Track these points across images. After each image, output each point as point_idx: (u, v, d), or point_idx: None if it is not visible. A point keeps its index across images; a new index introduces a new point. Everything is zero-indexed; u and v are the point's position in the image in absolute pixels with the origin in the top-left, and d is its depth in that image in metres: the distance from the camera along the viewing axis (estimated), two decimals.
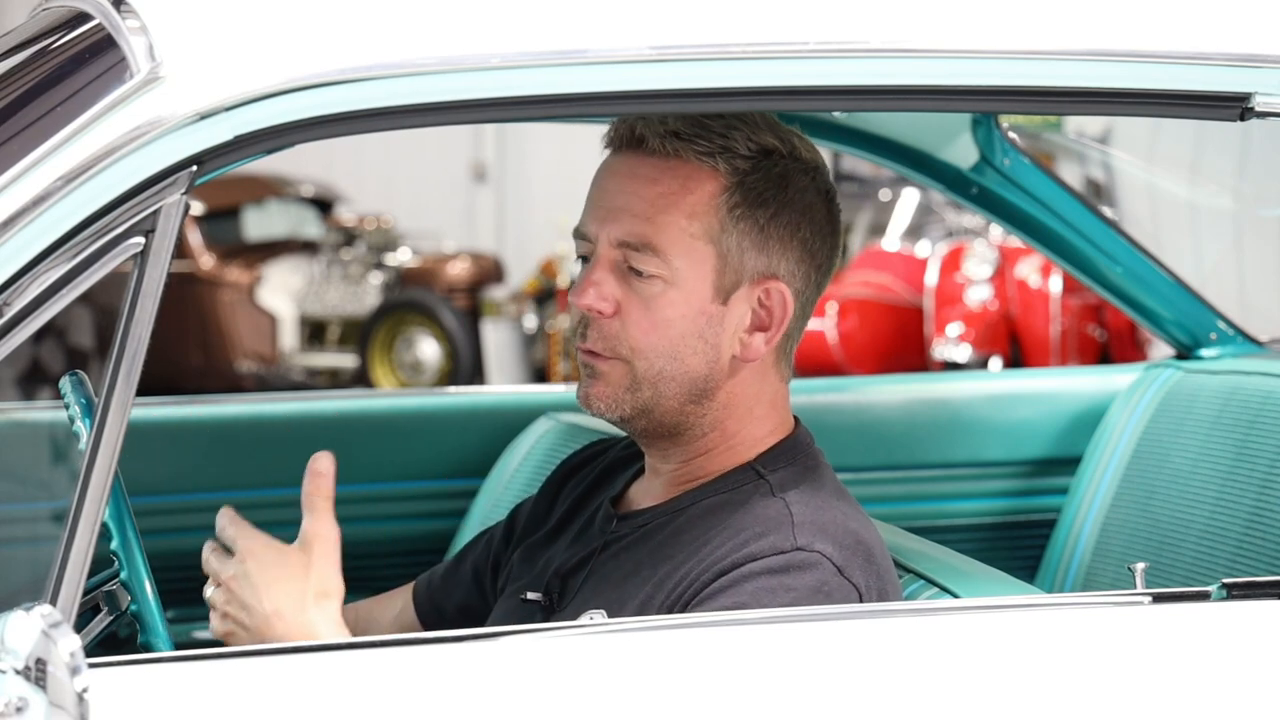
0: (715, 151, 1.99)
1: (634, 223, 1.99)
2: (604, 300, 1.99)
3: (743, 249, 2.00)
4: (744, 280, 2.01)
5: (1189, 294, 3.00)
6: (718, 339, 2.01)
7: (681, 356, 2.00)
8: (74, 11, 1.94)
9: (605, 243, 2.00)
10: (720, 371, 2.02)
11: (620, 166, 2.02)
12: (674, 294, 1.99)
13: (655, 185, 1.99)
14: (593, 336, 2.01)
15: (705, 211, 1.99)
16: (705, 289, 2.00)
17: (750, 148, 2.00)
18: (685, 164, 1.99)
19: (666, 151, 1.99)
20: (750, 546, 1.93)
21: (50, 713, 1.54)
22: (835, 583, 1.91)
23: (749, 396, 2.04)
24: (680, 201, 1.99)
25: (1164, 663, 1.88)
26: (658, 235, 1.98)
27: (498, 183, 13.30)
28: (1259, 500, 2.63)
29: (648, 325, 1.99)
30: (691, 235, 1.99)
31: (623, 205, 2.00)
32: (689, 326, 2.00)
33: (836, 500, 2.01)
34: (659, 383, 2.00)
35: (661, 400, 2.01)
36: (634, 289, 1.99)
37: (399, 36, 1.81)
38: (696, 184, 1.99)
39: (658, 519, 2.04)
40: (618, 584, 2.01)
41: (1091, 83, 1.96)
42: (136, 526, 1.93)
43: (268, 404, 3.06)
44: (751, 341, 2.02)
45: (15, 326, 1.70)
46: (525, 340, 10.38)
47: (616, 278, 2.00)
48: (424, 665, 1.74)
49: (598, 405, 2.02)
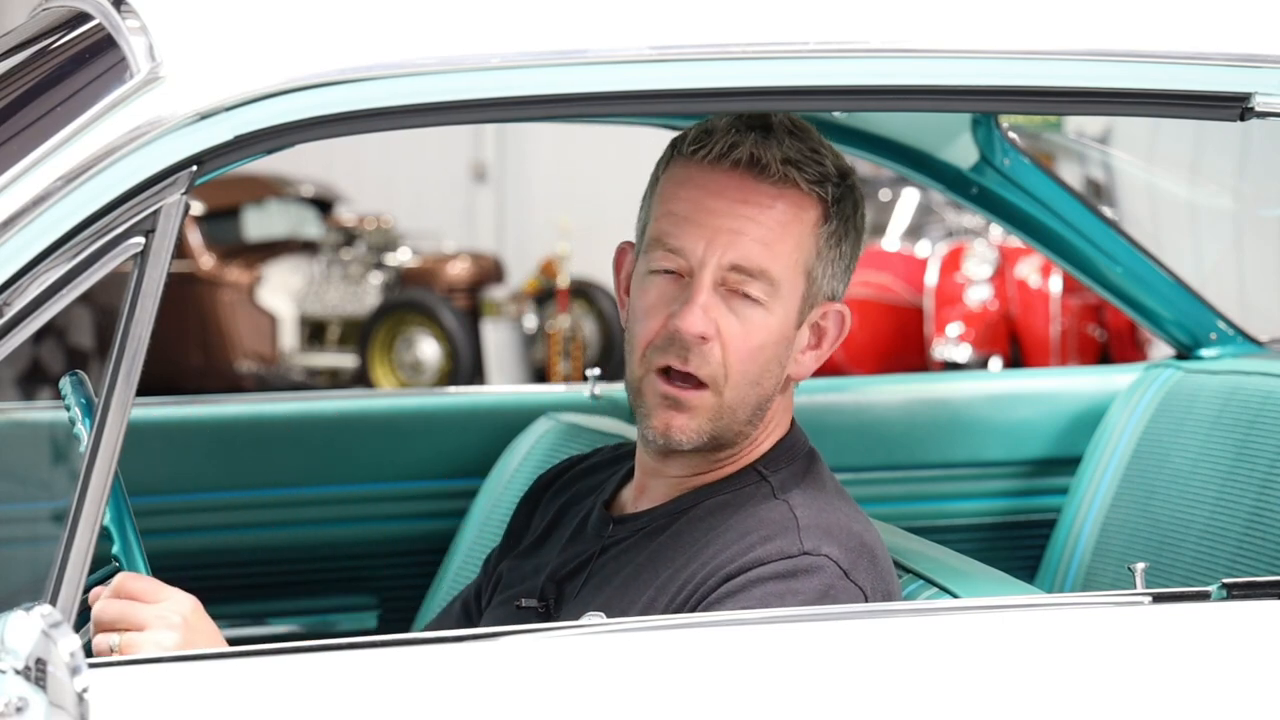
0: (820, 179, 1.98)
1: (752, 248, 1.96)
2: (711, 325, 1.96)
3: (826, 276, 2.01)
4: (818, 304, 2.02)
5: (1189, 294, 3.00)
6: (787, 360, 2.01)
7: (762, 382, 1.99)
8: (74, 11, 1.94)
9: (714, 265, 1.96)
10: (777, 390, 2.02)
11: (729, 187, 1.98)
12: (771, 321, 1.98)
13: (771, 212, 1.97)
14: (695, 360, 1.96)
15: (809, 241, 1.99)
16: (793, 315, 2.00)
17: (836, 170, 2.00)
18: (796, 190, 1.98)
19: (781, 176, 1.97)
20: (756, 551, 1.93)
21: (50, 713, 1.54)
22: (841, 586, 1.91)
23: (781, 409, 2.05)
24: (792, 230, 1.98)
25: (1164, 663, 1.88)
26: (774, 263, 1.96)
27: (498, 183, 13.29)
28: (1259, 500, 2.63)
29: (746, 351, 1.97)
30: (795, 264, 1.98)
31: (737, 229, 1.96)
32: (773, 353, 1.99)
33: (838, 501, 2.01)
34: (738, 409, 1.98)
35: (733, 425, 1.99)
36: (736, 312, 1.97)
37: (399, 36, 1.81)
38: (804, 212, 1.99)
39: (657, 520, 2.04)
40: (619, 586, 2.01)
41: (1091, 83, 1.96)
42: (137, 527, 1.93)
43: (268, 404, 3.06)
44: (804, 359, 2.03)
45: (15, 326, 1.70)
46: (525, 340, 10.38)
47: (717, 300, 1.97)
48: (424, 665, 1.74)
49: (681, 438, 1.98)
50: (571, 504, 2.17)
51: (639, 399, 2.00)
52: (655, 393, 1.98)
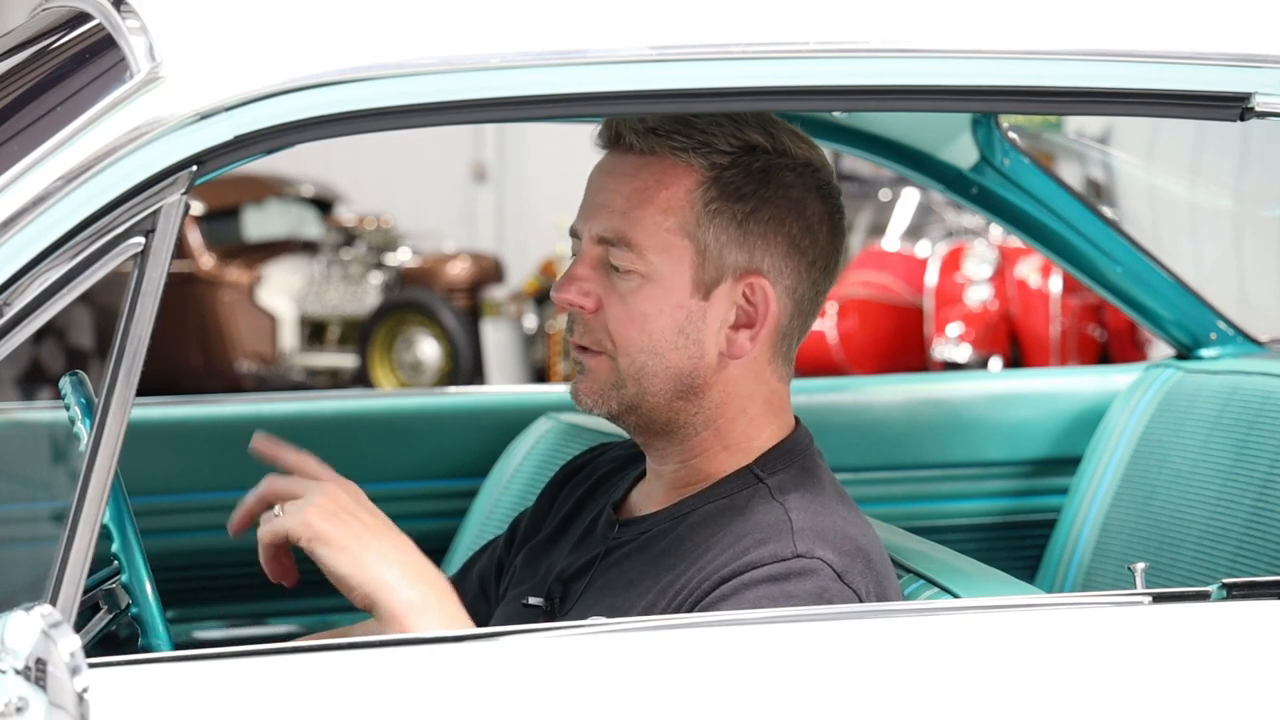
0: (692, 147, 1.99)
1: (611, 218, 2.00)
2: (585, 296, 2.01)
3: (721, 244, 2.00)
4: (725, 276, 2.00)
5: (1189, 294, 3.00)
6: (700, 335, 2.00)
7: (662, 352, 2.00)
8: (74, 11, 1.94)
9: (587, 239, 2.02)
10: (707, 368, 2.01)
11: (604, 165, 2.05)
12: (651, 289, 1.99)
13: (632, 181, 2.01)
14: (578, 330, 2.03)
15: (681, 207, 1.99)
16: (684, 284, 2.00)
17: (731, 144, 2.00)
18: (662, 160, 2.00)
19: (644, 148, 2.00)
20: (750, 554, 1.93)
21: (50, 713, 1.54)
22: (836, 589, 1.91)
23: (742, 395, 2.04)
24: (655, 197, 1.99)
25: (1164, 663, 1.88)
26: (633, 230, 1.99)
27: (498, 183, 13.29)
28: (1259, 500, 2.63)
29: (626, 320, 2.00)
30: (667, 230, 1.99)
31: (602, 202, 2.02)
32: (668, 321, 2.00)
33: (836, 504, 2.01)
34: (642, 378, 2.00)
35: (647, 396, 2.01)
36: (614, 284, 2.00)
37: (399, 36, 1.81)
38: (672, 179, 2.00)
39: (659, 525, 2.04)
40: (620, 591, 2.01)
41: (1091, 83, 1.96)
42: (137, 527, 1.93)
43: (268, 404, 3.06)
44: (736, 338, 2.02)
45: (15, 326, 1.70)
46: (525, 340, 10.38)
47: (598, 274, 2.01)
48: (424, 665, 1.74)
49: (585, 400, 2.04)
50: (587, 501, 2.19)
51: None
52: (574, 359, 2.06)
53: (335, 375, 10.70)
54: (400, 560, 1.88)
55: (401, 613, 1.85)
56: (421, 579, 1.87)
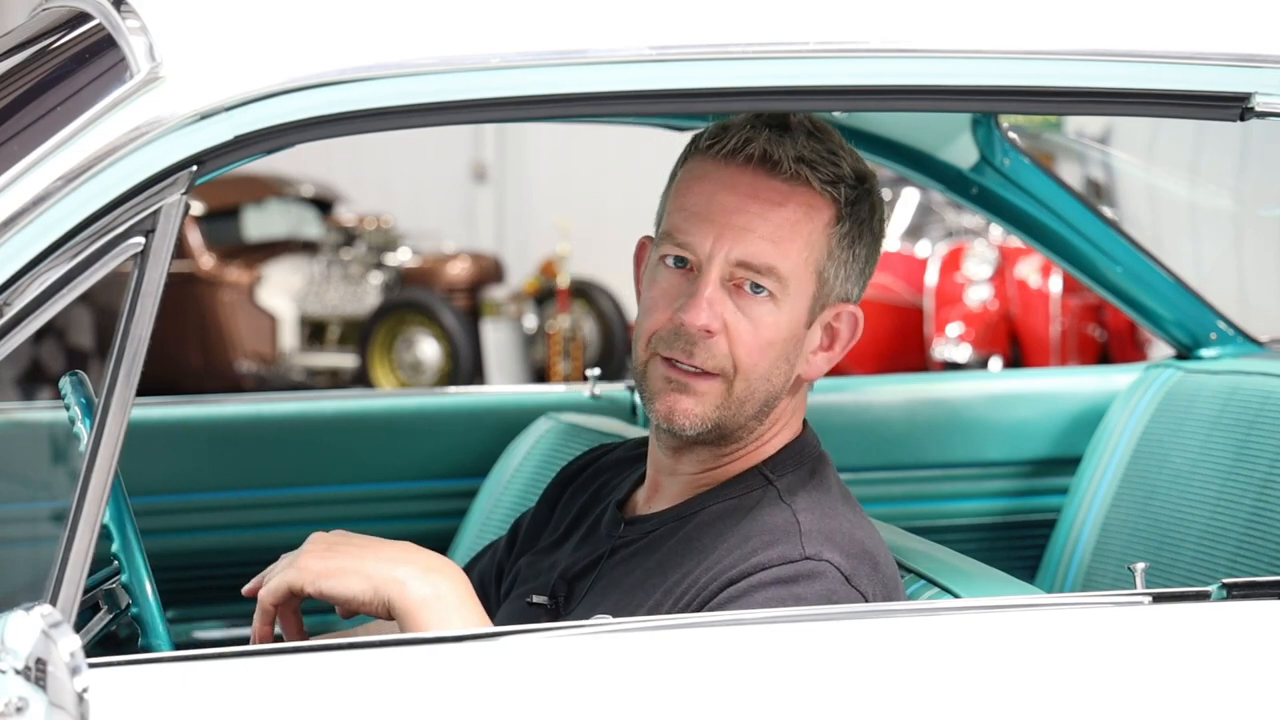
0: (834, 179, 1.99)
1: (760, 245, 1.97)
2: (716, 319, 1.97)
3: (838, 278, 2.02)
4: (829, 304, 2.03)
5: (1189, 294, 3.00)
6: (796, 359, 2.02)
7: (771, 376, 2.00)
8: (74, 11, 1.94)
9: (721, 260, 1.97)
10: (786, 388, 2.03)
11: (741, 183, 1.99)
12: (780, 318, 1.99)
13: (781, 210, 1.98)
14: (701, 354, 1.97)
15: (820, 240, 2.00)
16: (803, 314, 2.00)
17: (853, 173, 2.01)
18: (808, 189, 1.99)
19: (794, 174, 1.98)
20: (759, 556, 1.93)
21: (50, 713, 1.54)
22: (843, 591, 1.91)
23: (790, 409, 2.05)
24: (803, 228, 1.99)
25: (1164, 663, 1.88)
26: (782, 261, 1.97)
27: (498, 183, 13.29)
28: (1259, 500, 2.63)
29: (754, 346, 1.98)
30: (805, 262, 1.99)
31: (746, 225, 1.97)
32: (784, 350, 2.00)
33: (842, 507, 2.01)
34: (747, 402, 2.00)
35: (739, 416, 2.00)
36: (743, 309, 1.98)
37: (399, 36, 1.81)
38: (816, 212, 1.99)
39: (666, 524, 2.04)
40: (626, 590, 2.01)
41: (1091, 83, 1.96)
42: (137, 527, 1.93)
43: (268, 404, 3.06)
44: (816, 360, 2.04)
45: (15, 326, 1.70)
46: (525, 340, 10.37)
47: (723, 296, 1.98)
48: (424, 665, 1.74)
49: (685, 421, 1.99)
50: (590, 501, 2.19)
51: (644, 383, 2.02)
52: (659, 375, 2.00)
53: (335, 375, 10.69)
54: (406, 560, 1.88)
55: (416, 608, 1.85)
56: (431, 573, 1.87)
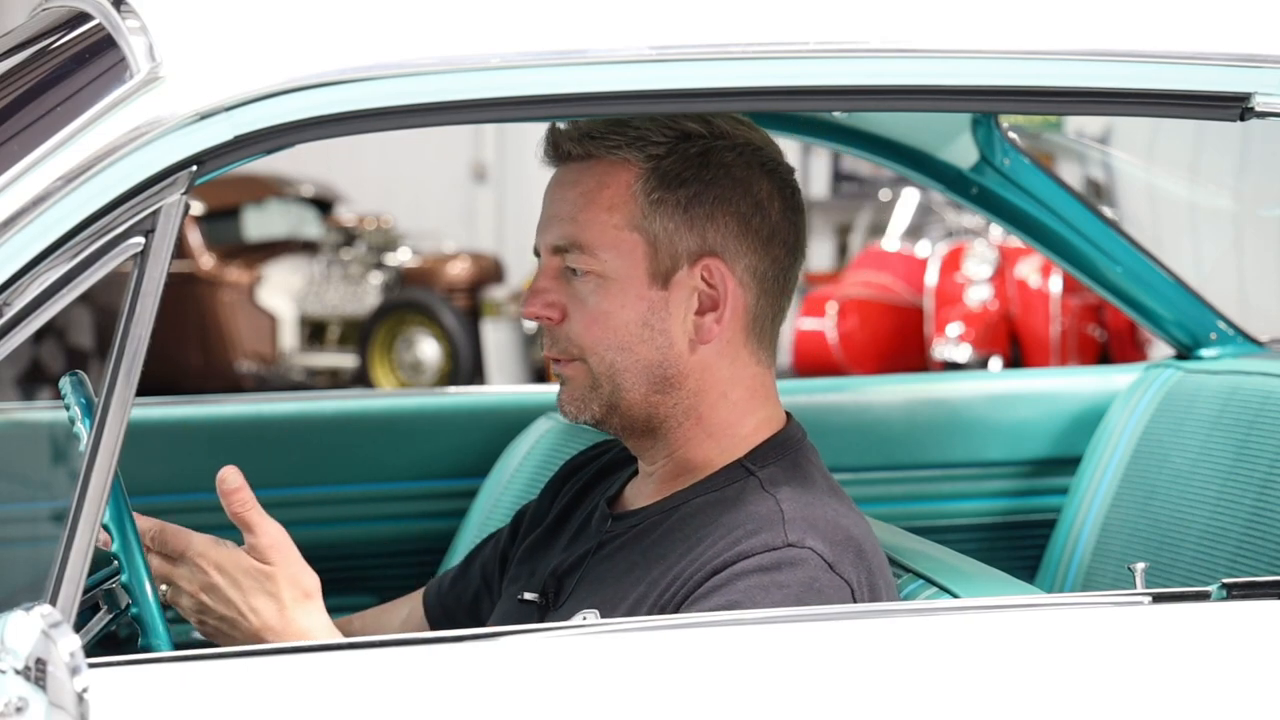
0: (626, 144, 2.02)
1: (562, 226, 2.03)
2: (550, 307, 2.04)
3: (669, 232, 2.02)
4: (681, 262, 2.02)
5: (1189, 294, 3.00)
6: (666, 324, 2.02)
7: (630, 346, 2.02)
8: (74, 11, 1.94)
9: (545, 251, 2.05)
10: (678, 357, 2.03)
11: (552, 179, 2.08)
12: (610, 286, 2.02)
13: (576, 187, 2.04)
14: (547, 342, 2.06)
15: (624, 202, 2.01)
16: (640, 276, 2.02)
17: (665, 134, 2.02)
18: (600, 161, 2.03)
19: (582, 154, 2.04)
20: (742, 545, 1.94)
21: (50, 713, 1.54)
22: (826, 579, 1.91)
23: (721, 380, 2.05)
24: (598, 197, 2.02)
25: (1164, 663, 1.88)
26: (582, 233, 2.02)
27: (498, 183, 13.29)
28: (1259, 500, 2.63)
29: (589, 321, 2.02)
30: (615, 227, 2.01)
31: (553, 214, 2.05)
32: (631, 315, 2.02)
33: (827, 496, 2.01)
34: (615, 376, 2.02)
35: (624, 393, 2.03)
36: (575, 290, 2.03)
37: (399, 36, 1.81)
38: (612, 178, 2.02)
39: (650, 518, 2.05)
40: (611, 583, 2.02)
41: (1091, 83, 1.96)
42: (137, 527, 1.93)
43: (268, 404, 3.06)
44: (703, 323, 2.03)
45: (15, 326, 1.70)
46: (525, 340, 10.38)
47: (559, 284, 2.04)
48: (423, 665, 1.74)
49: (568, 410, 2.06)
50: (583, 497, 2.21)
51: None
52: (554, 374, 2.09)
53: (335, 375, 10.69)
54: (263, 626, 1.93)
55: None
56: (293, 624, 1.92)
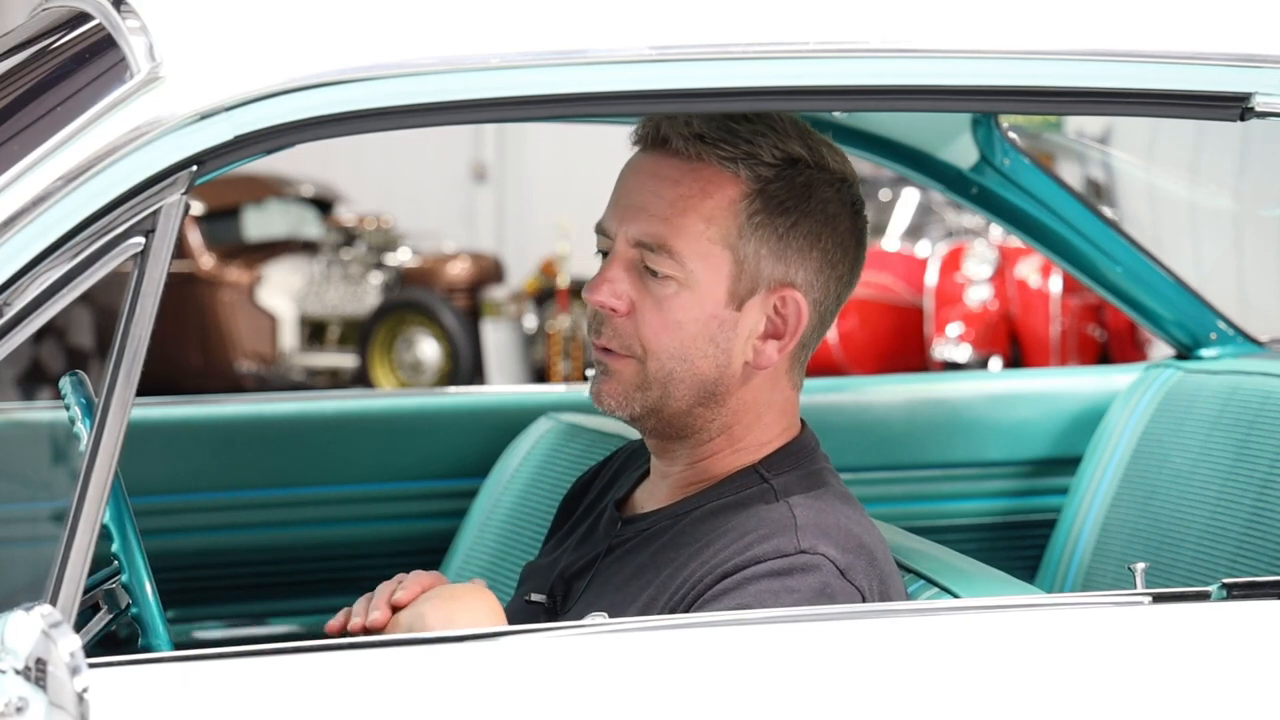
0: (739, 157, 1.98)
1: (651, 222, 1.98)
2: (618, 298, 1.99)
3: (760, 256, 1.99)
4: (760, 287, 2.00)
5: (1189, 294, 3.00)
6: (729, 344, 2.00)
7: (691, 359, 1.99)
8: (74, 11, 1.94)
9: (622, 240, 2.00)
10: (731, 376, 2.01)
11: (644, 165, 2.01)
12: (687, 296, 1.98)
13: (676, 186, 1.99)
14: (607, 333, 2.01)
15: (724, 216, 1.98)
16: (719, 293, 1.99)
17: (775, 155, 1.99)
18: (708, 167, 1.98)
19: (690, 154, 1.98)
20: (754, 549, 1.93)
21: (50, 713, 1.54)
22: (838, 585, 1.91)
23: (759, 402, 2.04)
24: (699, 205, 1.98)
25: (1164, 663, 1.88)
26: (674, 237, 1.97)
27: (498, 183, 13.29)
28: (1259, 500, 2.63)
29: (659, 325, 1.98)
30: (709, 239, 1.98)
31: (641, 204, 1.99)
32: (700, 329, 1.99)
33: (840, 503, 2.01)
34: (668, 383, 2.00)
35: (670, 401, 2.00)
36: (648, 288, 1.99)
37: (399, 36, 1.81)
38: (717, 188, 1.98)
39: (661, 522, 2.04)
40: (620, 586, 2.01)
41: (1091, 83, 1.96)
42: (137, 527, 1.93)
43: (268, 404, 3.06)
44: (764, 348, 2.02)
45: (15, 326, 1.70)
46: (525, 340, 10.38)
47: (632, 276, 1.99)
48: (424, 665, 1.74)
49: (608, 402, 2.02)
50: (595, 501, 2.20)
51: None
52: (595, 360, 2.04)
53: (335, 375, 10.69)
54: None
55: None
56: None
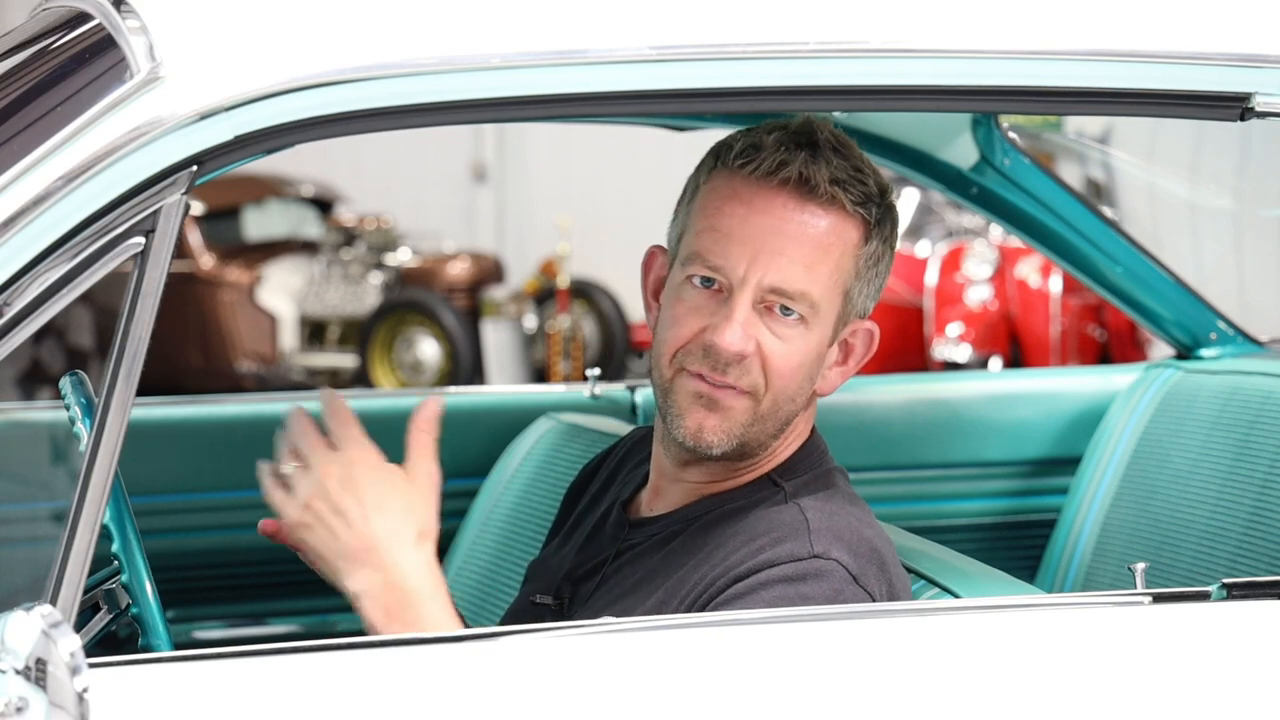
0: (864, 199, 1.97)
1: (794, 270, 1.95)
2: (750, 342, 1.95)
3: (860, 294, 2.01)
4: (849, 321, 2.02)
5: (1189, 294, 3.00)
6: (817, 376, 2.02)
7: (797, 396, 1.99)
8: (74, 11, 1.94)
9: (755, 285, 1.95)
10: (805, 403, 2.02)
11: (777, 206, 1.96)
12: (810, 338, 1.98)
13: (816, 234, 1.96)
14: (734, 373, 1.95)
15: (849, 262, 1.98)
16: (829, 333, 2.00)
17: (878, 190, 1.99)
18: (840, 212, 1.97)
19: (828, 199, 1.96)
20: (767, 553, 1.93)
21: (50, 713, 1.54)
22: (850, 591, 1.91)
23: (802, 420, 2.04)
24: (834, 253, 1.97)
25: (1164, 663, 1.88)
26: (814, 285, 1.96)
27: (498, 183, 13.29)
28: (1259, 500, 2.63)
29: (786, 368, 1.97)
30: (836, 285, 1.98)
31: (780, 249, 1.95)
32: (813, 368, 2.00)
33: (850, 506, 2.01)
34: (770, 419, 1.98)
35: (763, 434, 1.99)
36: (775, 330, 1.96)
37: (399, 36, 1.81)
38: (844, 234, 1.98)
39: (672, 526, 2.03)
40: (630, 590, 2.01)
41: (1091, 83, 1.96)
42: (137, 527, 1.93)
43: (268, 404, 3.06)
44: (831, 375, 2.03)
45: (15, 326, 1.70)
46: (525, 340, 10.37)
47: (754, 317, 1.96)
48: (424, 665, 1.74)
49: (712, 439, 1.97)
50: (597, 499, 2.19)
51: (669, 400, 1.99)
52: (688, 392, 1.97)
53: (335, 375, 10.68)
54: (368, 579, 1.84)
55: (372, 628, 1.83)
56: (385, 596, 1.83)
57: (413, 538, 1.85)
